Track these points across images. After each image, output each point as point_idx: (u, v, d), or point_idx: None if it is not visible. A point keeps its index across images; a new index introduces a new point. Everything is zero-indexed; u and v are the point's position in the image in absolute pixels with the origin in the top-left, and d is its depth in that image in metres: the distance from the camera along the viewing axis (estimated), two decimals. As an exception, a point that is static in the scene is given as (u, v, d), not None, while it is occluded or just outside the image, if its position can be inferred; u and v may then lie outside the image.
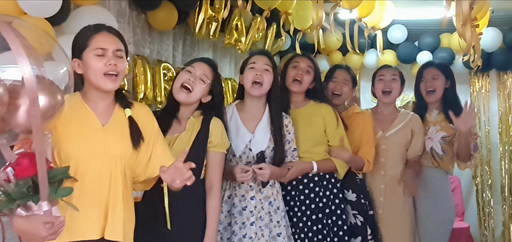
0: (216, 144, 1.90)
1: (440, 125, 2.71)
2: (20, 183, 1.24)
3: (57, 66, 1.30)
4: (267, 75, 2.09)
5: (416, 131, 2.63)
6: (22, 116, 1.17)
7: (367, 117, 2.57)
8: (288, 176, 2.19)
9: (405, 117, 2.66)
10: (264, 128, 2.11)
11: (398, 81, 2.68)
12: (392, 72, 2.69)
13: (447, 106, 2.69)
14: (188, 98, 1.90)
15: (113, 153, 1.52)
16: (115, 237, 1.49)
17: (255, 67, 2.10)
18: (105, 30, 1.54)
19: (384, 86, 2.66)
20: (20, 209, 1.25)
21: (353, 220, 2.43)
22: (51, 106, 1.21)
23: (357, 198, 2.47)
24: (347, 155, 2.32)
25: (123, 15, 2.96)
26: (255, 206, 2.05)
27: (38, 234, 1.26)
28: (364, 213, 2.47)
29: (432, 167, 2.70)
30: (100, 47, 1.49)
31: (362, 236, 2.43)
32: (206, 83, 1.91)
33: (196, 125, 1.91)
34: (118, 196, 1.51)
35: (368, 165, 2.45)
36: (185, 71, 1.93)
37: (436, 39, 4.70)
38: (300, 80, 2.34)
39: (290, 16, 3.63)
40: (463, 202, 4.80)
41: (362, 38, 4.24)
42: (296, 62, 2.39)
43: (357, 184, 2.51)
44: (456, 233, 4.30)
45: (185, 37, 3.64)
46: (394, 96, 2.69)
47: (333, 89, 2.58)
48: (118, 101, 1.60)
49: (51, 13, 2.16)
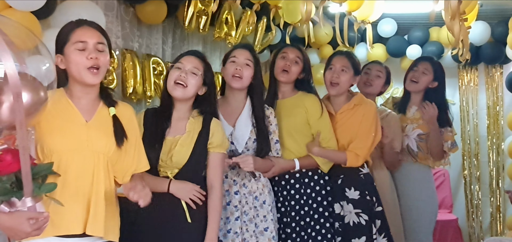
0: (217, 144, 1.91)
1: (417, 122, 2.74)
2: (4, 179, 1.24)
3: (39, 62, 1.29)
4: (247, 70, 2.09)
5: (388, 128, 2.63)
6: (5, 112, 1.17)
7: (368, 108, 2.38)
8: (269, 174, 2.18)
9: (380, 114, 2.63)
10: (244, 120, 2.11)
11: (382, 79, 2.70)
12: (378, 68, 2.71)
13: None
14: (184, 93, 1.89)
15: (96, 148, 1.52)
16: (96, 232, 1.48)
17: (235, 61, 2.10)
18: (86, 25, 1.54)
19: (367, 79, 2.69)
20: (3, 205, 1.25)
21: (356, 219, 2.28)
22: (34, 102, 1.21)
23: (361, 195, 2.32)
24: (316, 149, 2.23)
25: (111, 8, 2.93)
26: (239, 201, 2.05)
27: (22, 229, 1.26)
28: (369, 211, 2.32)
29: (411, 162, 2.74)
30: (80, 41, 1.49)
31: (366, 236, 2.28)
32: (198, 75, 1.91)
33: (196, 125, 1.92)
34: (100, 191, 1.51)
35: (353, 158, 2.29)
36: (174, 68, 1.93)
37: (425, 33, 4.72)
38: (287, 71, 2.31)
39: (280, 10, 3.62)
40: (451, 194, 4.86)
41: (352, 32, 4.25)
42: (284, 53, 2.37)
43: (360, 180, 2.37)
44: (444, 225, 4.36)
45: (174, 31, 3.61)
46: (374, 91, 2.71)
47: (330, 79, 2.39)
48: (102, 99, 1.60)
49: (37, 6, 2.13)
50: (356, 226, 2.29)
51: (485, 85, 4.95)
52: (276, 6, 3.58)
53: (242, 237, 2.03)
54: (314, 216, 2.27)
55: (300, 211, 2.26)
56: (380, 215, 2.39)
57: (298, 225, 2.25)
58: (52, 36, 1.67)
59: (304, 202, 2.27)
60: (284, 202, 2.28)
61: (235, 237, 2.02)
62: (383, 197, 2.53)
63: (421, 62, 2.81)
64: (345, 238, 2.30)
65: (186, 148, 1.87)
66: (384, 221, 2.40)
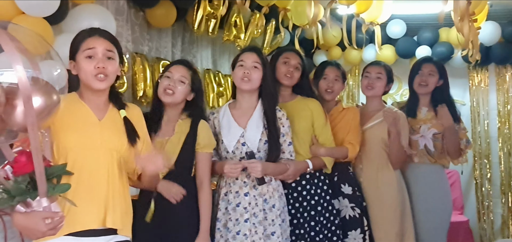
0: (204, 145, 2.04)
1: (431, 122, 2.74)
2: (19, 179, 1.28)
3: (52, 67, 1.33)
4: (255, 72, 2.13)
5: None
6: (19, 116, 1.22)
7: (355, 111, 2.64)
8: (290, 176, 2.20)
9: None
10: (256, 122, 2.14)
11: (383, 80, 2.71)
12: (377, 70, 2.72)
13: (437, 104, 2.73)
14: (173, 100, 2.03)
15: (110, 145, 1.58)
16: (115, 224, 1.54)
17: (243, 64, 2.13)
18: (97, 34, 1.61)
19: (368, 83, 2.71)
20: (19, 205, 1.28)
21: (352, 213, 2.46)
22: (47, 105, 1.25)
23: (353, 191, 2.51)
24: (323, 150, 2.37)
25: (122, 13, 2.97)
26: (249, 202, 2.07)
27: (37, 229, 1.30)
28: (360, 205, 2.51)
29: (428, 163, 2.73)
30: (89, 48, 1.56)
31: (361, 228, 2.47)
32: (186, 83, 2.04)
33: (184, 127, 2.04)
34: (115, 187, 1.57)
35: (352, 148, 2.50)
36: (164, 77, 2.06)
37: (435, 33, 4.70)
38: (290, 77, 2.39)
39: (288, 12, 3.63)
40: (462, 196, 4.82)
41: (360, 33, 4.25)
42: (286, 58, 2.43)
43: (351, 177, 2.56)
44: (455, 227, 4.32)
45: (183, 34, 3.64)
46: (376, 93, 2.72)
47: (325, 88, 2.63)
48: (112, 102, 1.66)
49: (49, 12, 2.17)
50: (351, 219, 2.47)
51: (496, 85, 4.91)
52: (285, 9, 3.59)
53: (251, 239, 2.04)
54: (325, 215, 2.32)
55: (311, 211, 2.29)
56: (366, 209, 2.57)
57: (309, 225, 2.27)
58: (64, 41, 1.71)
59: (315, 202, 2.31)
60: (295, 204, 2.29)
61: (244, 239, 2.03)
62: (388, 197, 2.56)
63: (424, 64, 2.81)
64: (343, 232, 2.44)
65: (174, 148, 2.00)
66: (367, 217, 2.56)
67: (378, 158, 2.63)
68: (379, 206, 2.58)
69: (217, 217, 2.09)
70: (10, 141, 1.28)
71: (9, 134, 1.25)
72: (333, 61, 2.84)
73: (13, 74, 1.17)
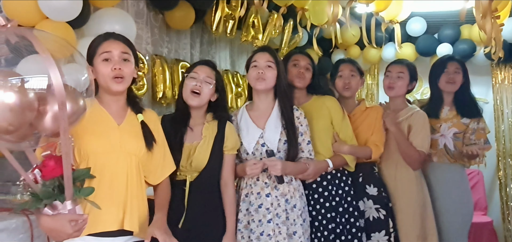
0: (231, 147, 2.04)
1: (452, 121, 2.69)
2: (47, 183, 1.32)
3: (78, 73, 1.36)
4: (269, 71, 2.12)
5: (413, 126, 2.59)
6: (48, 121, 1.26)
7: (379, 110, 2.59)
8: (310, 176, 2.20)
9: (406, 113, 2.63)
10: (274, 122, 2.13)
11: (404, 79, 2.66)
12: (399, 69, 2.67)
13: (460, 103, 2.68)
14: (200, 102, 2.02)
15: (129, 149, 1.62)
16: (132, 227, 1.58)
17: (257, 65, 2.13)
18: (112, 38, 1.66)
19: (389, 83, 2.67)
20: (47, 208, 1.32)
21: (376, 214, 2.42)
22: (74, 111, 1.29)
23: (378, 192, 2.46)
24: (346, 148, 2.34)
25: (141, 16, 3.01)
26: (272, 203, 2.06)
27: (64, 231, 1.35)
28: (385, 206, 2.46)
29: (447, 163, 2.68)
30: (105, 51, 1.61)
31: (385, 230, 2.41)
32: (212, 84, 2.02)
33: (211, 130, 2.03)
34: (133, 190, 1.61)
35: (376, 149, 2.46)
36: (189, 78, 2.03)
37: (456, 31, 4.61)
38: (302, 78, 2.40)
39: (306, 12, 3.62)
40: (485, 196, 4.71)
41: (379, 31, 4.20)
42: (296, 60, 2.44)
43: (376, 177, 2.51)
44: (479, 228, 4.23)
45: (202, 36, 3.67)
46: (398, 93, 2.67)
47: (342, 85, 2.59)
48: (130, 106, 1.70)
49: (72, 16, 2.22)
50: (375, 221, 2.41)
51: (520, 83, 4.79)
52: (303, 8, 3.58)
53: (275, 240, 2.04)
54: (346, 216, 2.30)
55: (332, 212, 2.27)
56: (392, 210, 2.51)
57: (330, 226, 2.26)
58: (86, 45, 1.75)
59: (336, 203, 2.29)
60: (316, 205, 2.28)
61: (268, 239, 2.03)
62: (407, 198, 2.52)
63: (450, 62, 2.76)
64: (367, 233, 2.40)
65: (204, 153, 1.98)
66: (393, 218, 2.51)
67: (395, 158, 2.59)
68: (398, 207, 2.54)
69: (238, 218, 2.09)
70: (34, 146, 1.32)
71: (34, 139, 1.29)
72: (347, 58, 2.79)
73: (40, 80, 1.21)
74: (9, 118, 1.18)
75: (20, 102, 1.20)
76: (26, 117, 1.22)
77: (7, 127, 1.19)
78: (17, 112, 1.19)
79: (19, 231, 1.83)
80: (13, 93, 1.19)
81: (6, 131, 1.20)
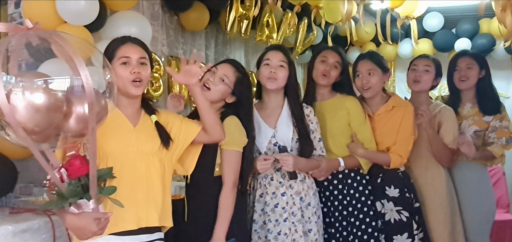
0: (227, 141, 1.85)
1: (473, 118, 2.61)
2: (73, 182, 1.35)
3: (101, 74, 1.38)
4: (281, 71, 2.07)
5: (443, 122, 2.53)
6: (74, 122, 1.27)
7: (407, 110, 2.36)
8: (320, 174, 2.18)
9: (434, 109, 2.56)
10: (285, 121, 2.10)
11: (431, 73, 2.58)
12: (425, 63, 2.60)
13: (481, 99, 2.61)
14: (207, 96, 1.86)
15: (145, 149, 1.64)
16: (151, 223, 1.60)
17: (269, 63, 2.09)
18: (129, 42, 1.67)
19: (415, 76, 2.59)
20: (72, 207, 1.36)
21: (397, 217, 2.30)
22: (98, 112, 1.31)
23: (401, 193, 2.33)
24: (361, 151, 2.23)
25: (157, 18, 3.05)
26: (287, 202, 2.05)
27: (90, 229, 1.38)
28: (410, 207, 2.33)
29: (467, 161, 2.62)
30: (124, 56, 1.62)
31: (408, 233, 2.29)
32: (226, 83, 1.92)
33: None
34: (153, 189, 1.63)
35: (397, 159, 2.29)
36: (209, 72, 1.98)
37: (475, 25, 4.52)
38: (327, 76, 2.31)
39: (321, 10, 3.60)
40: (507, 193, 4.61)
41: (395, 27, 4.15)
42: (324, 57, 2.35)
43: (399, 178, 2.37)
44: (501, 226, 4.13)
45: (217, 36, 3.69)
46: (423, 87, 2.59)
47: (360, 86, 2.38)
48: (144, 108, 1.73)
49: (89, 20, 2.26)
50: (397, 223, 2.30)
51: (542, 77, 4.68)
52: (317, 7, 3.56)
53: (291, 238, 2.03)
54: (359, 216, 2.25)
55: (343, 211, 2.24)
56: (418, 211, 2.39)
57: (341, 225, 2.24)
58: (103, 48, 1.77)
59: (347, 203, 2.25)
60: (327, 203, 2.26)
61: (285, 238, 2.02)
62: (438, 197, 2.46)
63: (460, 59, 2.68)
64: (387, 236, 2.31)
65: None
66: (421, 217, 2.39)
67: (426, 157, 2.53)
68: (429, 206, 2.49)
69: (254, 218, 2.08)
70: (54, 146, 1.35)
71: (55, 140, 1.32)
72: (366, 53, 2.52)
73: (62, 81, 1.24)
74: (35, 120, 1.20)
75: (48, 104, 1.21)
76: (53, 119, 1.24)
77: (33, 128, 1.21)
78: (43, 113, 1.20)
79: (42, 231, 1.88)
80: (41, 94, 1.20)
81: (32, 132, 1.21)
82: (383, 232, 2.30)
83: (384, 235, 2.30)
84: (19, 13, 2.54)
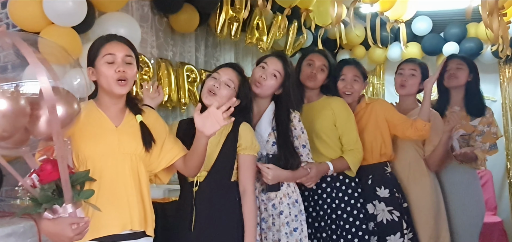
0: (246, 146, 1.89)
1: (460, 122, 2.64)
2: (45, 187, 1.32)
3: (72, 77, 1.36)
4: (272, 79, 2.05)
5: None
6: (42, 125, 1.25)
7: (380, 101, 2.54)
8: (313, 179, 2.14)
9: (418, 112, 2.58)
10: (264, 124, 2.06)
11: (417, 77, 2.61)
12: (411, 67, 2.63)
13: (468, 101, 2.64)
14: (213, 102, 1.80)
15: (127, 151, 1.59)
16: (135, 229, 1.56)
17: (265, 67, 2.07)
18: (115, 40, 1.62)
19: (402, 80, 2.62)
20: (47, 212, 1.32)
21: (389, 217, 2.35)
22: (68, 114, 1.29)
23: (391, 193, 2.38)
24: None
25: (146, 19, 3.03)
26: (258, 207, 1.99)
27: (65, 234, 1.33)
28: (399, 207, 2.39)
29: (455, 164, 2.64)
30: (109, 53, 1.57)
31: (400, 232, 2.33)
32: (232, 88, 1.92)
33: (225, 128, 1.90)
34: (136, 191, 1.58)
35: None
36: (211, 77, 1.96)
37: (462, 29, 4.57)
38: (313, 79, 2.34)
39: (310, 13, 3.62)
40: (495, 196, 4.66)
41: (385, 31, 4.18)
42: (310, 60, 2.37)
43: (388, 178, 2.43)
44: (488, 228, 4.18)
45: (206, 39, 3.68)
46: (410, 91, 2.62)
47: (343, 89, 2.46)
48: (128, 107, 1.68)
49: (77, 21, 2.24)
50: (390, 223, 2.34)
51: (529, 81, 4.74)
52: (307, 10, 3.57)
53: None
54: (348, 219, 2.25)
55: (332, 215, 2.24)
56: (407, 211, 2.44)
57: (331, 229, 2.23)
58: (91, 49, 1.75)
59: (336, 206, 2.25)
60: (316, 207, 2.26)
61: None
62: (421, 200, 2.48)
63: (450, 60, 2.73)
64: (380, 237, 2.33)
65: (212, 150, 1.85)
66: (409, 216, 2.44)
67: (410, 159, 2.55)
68: (412, 207, 2.50)
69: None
70: (33, 150, 1.32)
71: (32, 143, 1.29)
72: (352, 59, 2.63)
73: (34, 85, 1.22)
74: (2, 125, 1.17)
75: (12, 108, 1.18)
76: (19, 123, 1.21)
77: (1, 133, 1.18)
78: (9, 118, 1.18)
79: (27, 235, 1.85)
80: (5, 99, 1.18)
81: (1, 137, 1.19)
82: (375, 234, 2.31)
83: (377, 237, 2.31)
84: (5, 13, 2.51)
